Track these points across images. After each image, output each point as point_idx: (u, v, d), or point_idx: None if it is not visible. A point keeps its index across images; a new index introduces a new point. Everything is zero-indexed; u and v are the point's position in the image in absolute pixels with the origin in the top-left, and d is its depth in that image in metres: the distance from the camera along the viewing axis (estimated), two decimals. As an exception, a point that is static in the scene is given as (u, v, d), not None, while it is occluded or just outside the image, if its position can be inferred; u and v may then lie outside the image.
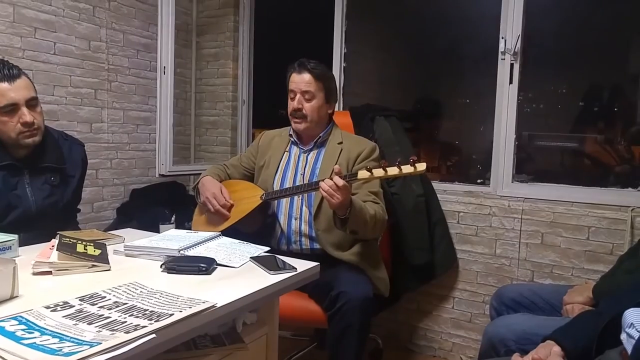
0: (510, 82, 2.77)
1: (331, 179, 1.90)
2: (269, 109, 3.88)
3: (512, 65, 2.76)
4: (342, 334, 1.98)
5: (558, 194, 2.67)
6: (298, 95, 2.30)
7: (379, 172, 1.87)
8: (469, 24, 3.29)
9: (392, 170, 1.84)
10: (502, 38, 2.77)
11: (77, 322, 0.99)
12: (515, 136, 2.80)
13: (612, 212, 2.51)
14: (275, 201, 2.32)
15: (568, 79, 3.17)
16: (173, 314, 1.05)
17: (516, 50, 2.73)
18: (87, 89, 3.01)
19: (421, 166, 1.81)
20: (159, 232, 1.90)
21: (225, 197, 2.26)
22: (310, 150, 2.38)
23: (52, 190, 2.00)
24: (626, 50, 2.95)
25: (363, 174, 1.90)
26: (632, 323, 1.13)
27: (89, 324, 0.98)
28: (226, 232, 1.94)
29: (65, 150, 2.09)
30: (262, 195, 2.25)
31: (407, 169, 1.82)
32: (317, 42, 3.58)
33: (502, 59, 2.79)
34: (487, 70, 2.86)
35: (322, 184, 1.91)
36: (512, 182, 2.81)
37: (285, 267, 1.54)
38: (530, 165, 3.01)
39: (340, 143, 2.36)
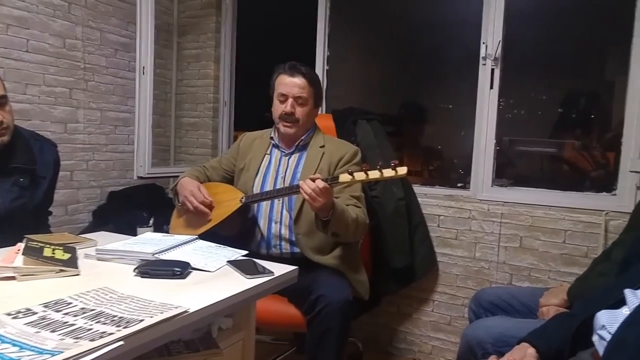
0: (491, 87, 2.78)
1: (312, 181, 1.89)
2: (251, 111, 3.85)
3: (492, 70, 2.76)
4: (322, 337, 1.97)
5: (536, 198, 2.69)
6: (290, 100, 2.26)
7: (360, 176, 1.86)
8: (451, 29, 3.30)
9: (374, 174, 1.84)
10: (483, 43, 2.78)
11: (39, 330, 0.95)
12: (495, 141, 2.80)
13: (587, 215, 2.54)
14: (255, 204, 2.30)
15: (548, 86, 3.20)
16: (143, 320, 1.02)
17: (497, 55, 2.74)
18: (61, 88, 2.95)
19: (402, 170, 1.81)
20: (136, 235, 1.87)
21: (205, 195, 2.23)
22: (292, 153, 2.36)
23: (21, 192, 1.95)
24: (602, 58, 2.98)
25: (345, 177, 1.89)
26: (603, 325, 1.14)
27: (52, 331, 0.95)
28: (204, 236, 1.92)
29: (36, 151, 2.04)
30: (242, 198, 2.22)
31: (388, 172, 1.82)
32: (300, 44, 3.56)
33: (483, 64, 2.79)
34: (469, 75, 2.87)
35: (304, 186, 1.89)
36: (491, 186, 2.82)
37: (263, 271, 1.51)
38: (510, 170, 3.04)
39: (322, 147, 2.34)
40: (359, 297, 2.23)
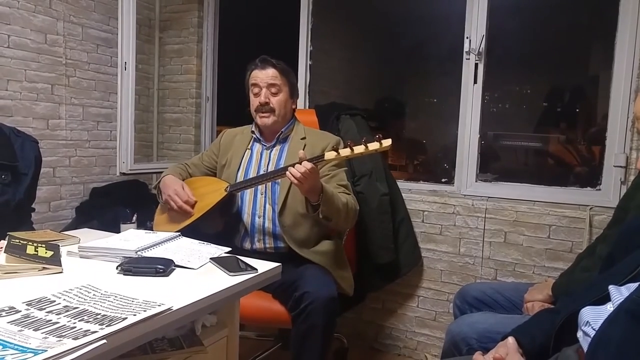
0: (475, 82, 2.78)
1: (299, 164, 1.89)
2: (234, 106, 3.83)
3: (476, 65, 2.77)
4: (306, 334, 1.97)
5: (520, 193, 2.70)
6: (264, 90, 2.28)
7: (345, 152, 1.86)
8: (435, 23, 3.30)
9: (359, 149, 1.83)
10: (467, 38, 2.78)
11: (22, 328, 0.94)
12: (479, 136, 2.81)
13: (571, 210, 2.56)
14: (239, 200, 2.29)
15: (532, 80, 3.22)
16: (126, 318, 1.01)
17: (480, 50, 2.74)
18: (43, 84, 2.91)
19: (387, 142, 1.80)
20: (120, 232, 1.86)
21: (188, 194, 2.22)
22: (273, 146, 2.36)
23: (3, 188, 1.92)
24: (586, 53, 3.00)
25: (330, 154, 1.89)
26: (587, 321, 1.14)
27: (35, 330, 0.93)
28: (188, 233, 1.90)
29: (17, 148, 2.02)
30: (227, 187, 2.21)
31: (373, 145, 1.81)
32: (283, 39, 3.55)
33: (466, 59, 2.80)
34: (453, 69, 2.88)
35: (291, 169, 1.90)
36: (476, 182, 2.84)
37: (246, 268, 1.51)
38: (494, 165, 3.05)
39: (304, 138, 2.35)
40: (344, 293, 2.24)
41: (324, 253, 2.22)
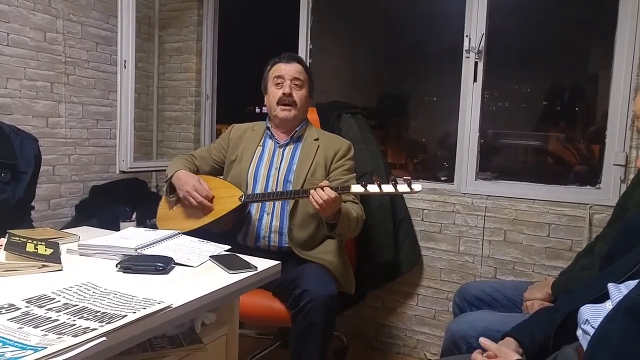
0: (475, 81, 2.78)
1: (322, 190, 1.91)
2: (233, 104, 3.83)
3: (476, 63, 2.77)
4: (306, 332, 1.96)
5: (520, 192, 2.70)
6: (288, 82, 2.28)
7: (373, 188, 1.86)
8: (434, 22, 3.30)
9: (387, 188, 1.83)
10: (467, 36, 2.78)
11: (22, 326, 0.94)
12: (479, 134, 2.81)
13: (571, 209, 2.56)
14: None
15: (532, 78, 3.22)
16: (126, 316, 1.02)
17: (480, 48, 2.74)
18: (42, 82, 2.91)
19: (417, 187, 1.82)
20: (119, 230, 1.86)
21: (206, 189, 2.21)
22: (286, 145, 2.35)
23: (3, 187, 1.92)
24: (586, 51, 3.00)
25: (357, 188, 1.90)
26: (587, 319, 1.15)
27: (35, 327, 0.94)
28: (191, 231, 1.90)
29: (16, 146, 2.01)
30: (242, 197, 2.19)
31: (402, 188, 1.82)
32: (283, 38, 3.55)
33: (466, 57, 2.80)
34: (452, 68, 2.88)
35: (315, 196, 1.91)
36: (475, 180, 2.84)
37: (246, 266, 1.51)
38: (494, 163, 3.04)
39: (317, 140, 2.34)
40: (344, 291, 2.24)
41: (325, 252, 2.22)
